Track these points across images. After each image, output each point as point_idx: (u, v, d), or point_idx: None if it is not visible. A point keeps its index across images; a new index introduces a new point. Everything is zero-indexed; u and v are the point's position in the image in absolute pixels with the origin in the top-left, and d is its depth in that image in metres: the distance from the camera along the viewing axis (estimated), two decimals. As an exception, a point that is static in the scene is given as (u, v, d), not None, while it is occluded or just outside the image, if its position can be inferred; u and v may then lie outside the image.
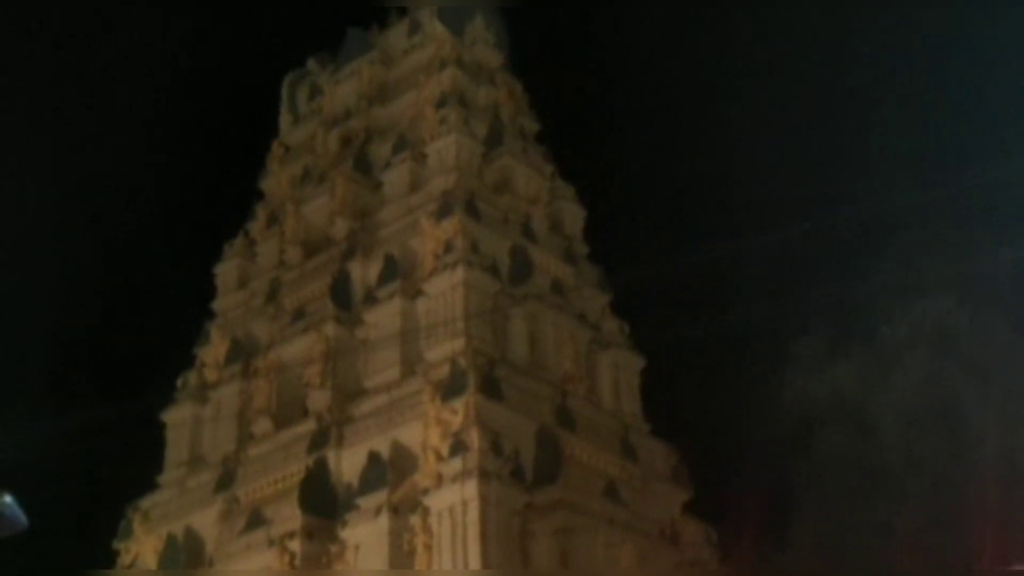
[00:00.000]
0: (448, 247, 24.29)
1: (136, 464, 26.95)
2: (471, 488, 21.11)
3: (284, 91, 30.47)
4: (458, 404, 22.12)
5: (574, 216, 27.91)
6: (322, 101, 29.39)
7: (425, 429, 22.28)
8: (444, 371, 22.81)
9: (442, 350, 23.22)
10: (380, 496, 21.98)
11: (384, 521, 21.69)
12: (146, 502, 25.59)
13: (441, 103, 26.94)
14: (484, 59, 28.69)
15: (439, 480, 21.56)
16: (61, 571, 26.97)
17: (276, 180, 28.77)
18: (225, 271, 28.10)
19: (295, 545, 22.12)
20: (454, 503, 21.21)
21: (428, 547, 21.22)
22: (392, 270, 24.89)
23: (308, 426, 23.90)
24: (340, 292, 25.33)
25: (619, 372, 26.08)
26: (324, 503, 22.77)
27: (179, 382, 26.90)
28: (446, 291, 23.90)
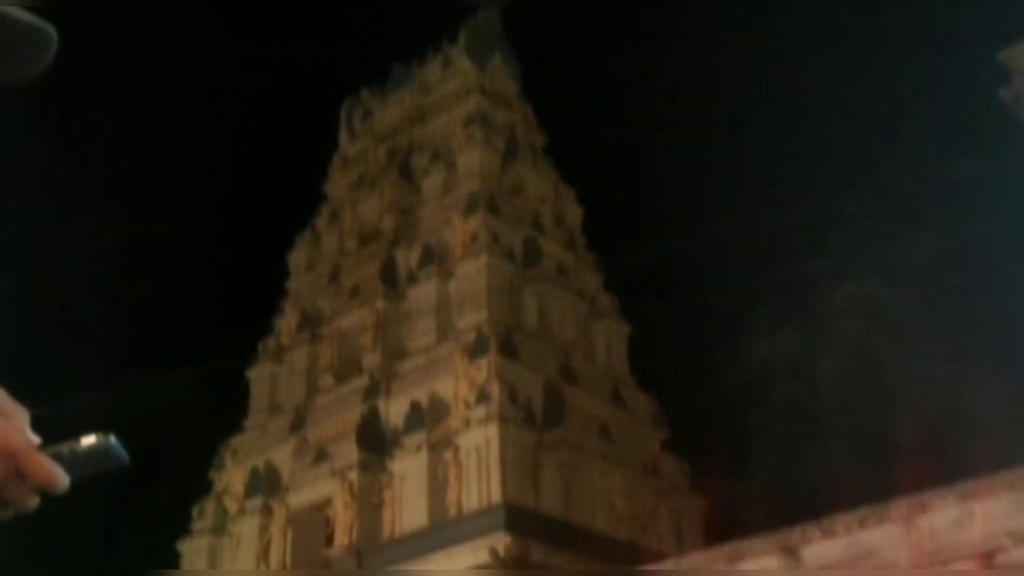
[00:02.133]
0: (474, 238, 24.35)
1: (227, 412, 27.03)
2: (492, 430, 21.25)
3: (343, 114, 30.41)
4: (482, 363, 22.22)
5: (574, 212, 27.91)
6: (373, 122, 29.38)
7: (456, 383, 22.39)
8: (471, 336, 22.89)
9: (469, 320, 23.28)
10: (420, 436, 22.12)
11: (423, 456, 21.86)
12: (235, 441, 25.70)
13: (468, 123, 26.98)
14: (502, 88, 28.65)
15: (467, 424, 21.70)
16: (167, 498, 27.10)
17: (336, 185, 28.79)
18: (296, 257, 28.16)
19: (352, 475, 22.26)
20: (479, 442, 21.35)
21: (458, 477, 21.37)
22: (429, 256, 24.93)
23: (362, 381, 23.97)
24: (388, 274, 25.37)
25: (610, 337, 26.10)
26: (375, 442, 22.86)
27: (260, 346, 26.96)
28: (472, 273, 23.96)
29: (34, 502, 1.19)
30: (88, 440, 1.24)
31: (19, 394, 1.30)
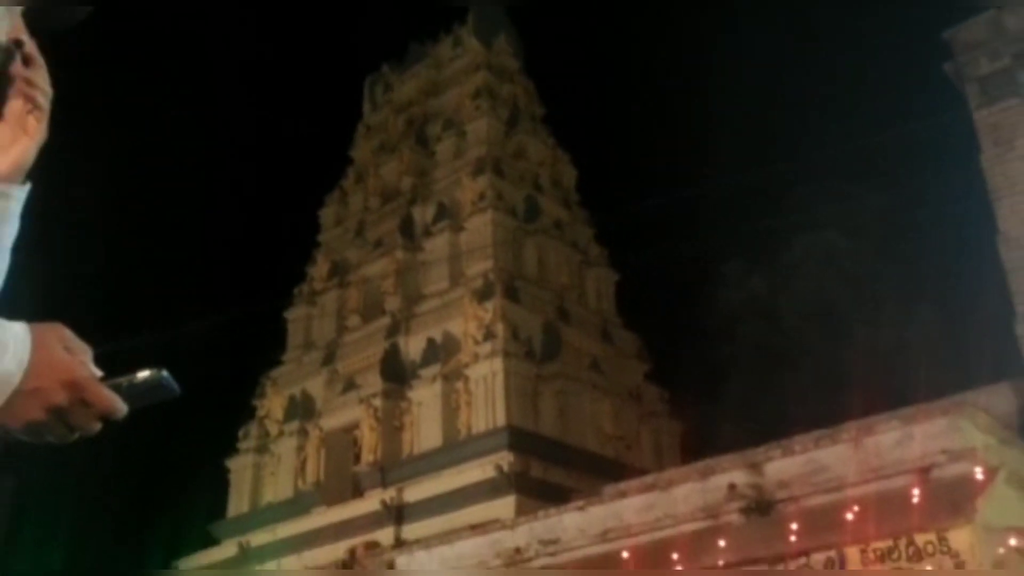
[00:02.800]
0: (481, 196, 24.28)
1: (268, 348, 27.16)
2: (497, 363, 21.34)
3: (366, 88, 30.18)
4: (488, 305, 22.25)
5: (569, 174, 27.78)
6: (392, 95, 29.17)
7: (465, 322, 22.44)
8: (479, 283, 22.90)
9: (477, 268, 23.28)
10: (435, 369, 22.23)
11: (438, 386, 21.98)
12: (275, 373, 25.85)
13: (476, 96, 26.79)
14: (505, 64, 28.39)
15: (475, 358, 21.78)
16: (217, 422, 27.36)
17: (361, 150, 28.65)
18: (326, 214, 28.11)
19: (377, 402, 22.40)
20: (486, 373, 21.45)
21: (468, 404, 21.51)
22: (442, 212, 24.88)
23: (385, 321, 24.03)
24: (406, 228, 25.36)
25: (600, 283, 26.12)
26: (396, 374, 22.97)
27: (295, 291, 27.04)
28: (480, 227, 23.93)
29: (97, 427, 1.23)
30: (143, 374, 1.28)
31: (81, 333, 1.33)
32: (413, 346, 23.20)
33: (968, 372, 12.33)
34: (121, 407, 1.24)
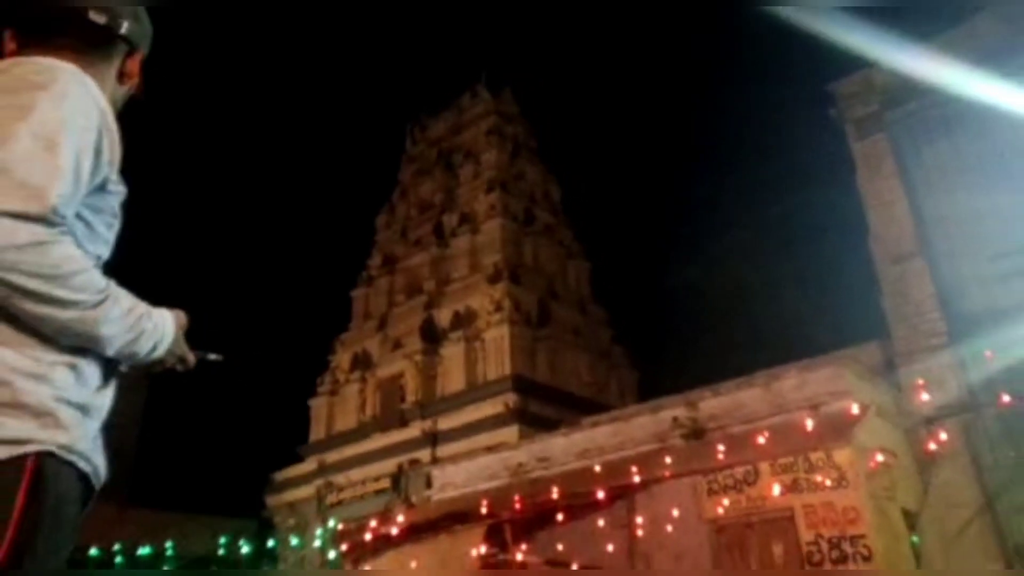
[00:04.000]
0: (492, 208, 24.27)
1: (338, 319, 27.22)
2: (505, 329, 21.38)
3: (408, 129, 30.12)
4: (498, 287, 22.29)
5: (556, 192, 27.52)
6: (427, 133, 29.02)
7: (481, 299, 22.47)
8: (491, 270, 22.90)
9: (490, 259, 23.28)
10: (459, 333, 22.26)
11: (461, 345, 22.02)
12: (343, 336, 25.86)
13: (488, 133, 26.68)
14: (509, 110, 28.23)
15: (488, 325, 21.82)
16: (303, 373, 27.58)
17: (405, 174, 28.53)
18: (380, 221, 27.96)
19: (417, 357, 22.45)
20: (496, 336, 21.50)
21: (483, 358, 21.56)
22: (464, 219, 24.86)
23: (423, 299, 24.03)
24: (438, 231, 25.32)
25: (579, 271, 26.09)
26: (431, 336, 23.01)
27: (359, 276, 26.99)
28: (492, 231, 23.92)
29: (180, 369, 1.45)
30: (212, 356, 1.57)
31: (214, 310, 1.44)
32: (443, 316, 23.23)
33: (848, 334, 12.34)
34: (193, 364, 1.46)
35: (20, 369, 1.08)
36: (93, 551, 23.06)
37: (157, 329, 1.29)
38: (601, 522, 10.97)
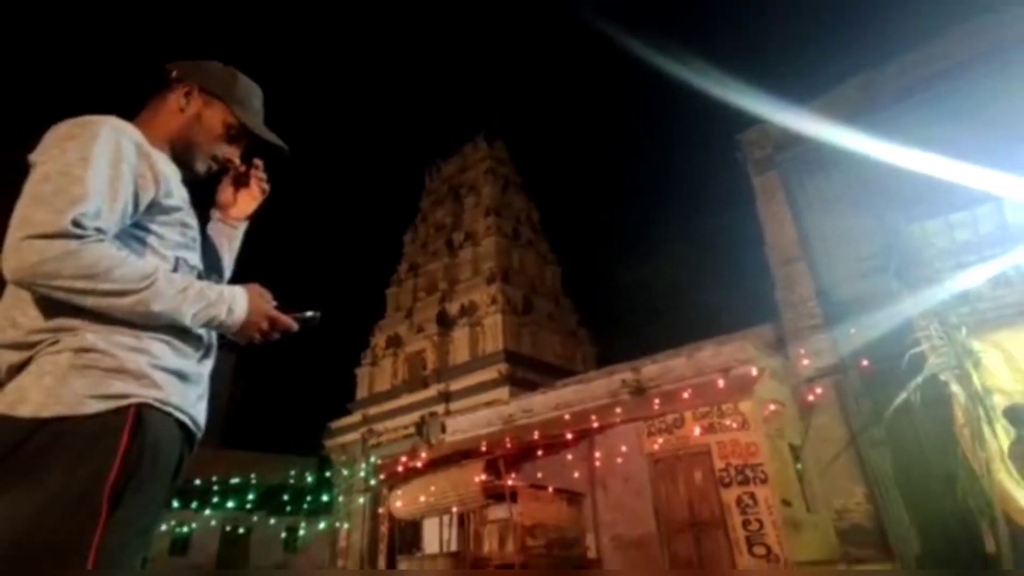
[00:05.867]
0: (488, 228, 24.10)
1: (376, 310, 27.01)
2: (498, 317, 21.20)
3: (427, 170, 29.94)
4: (494, 286, 22.10)
5: (535, 215, 27.25)
6: (440, 173, 28.86)
7: (481, 296, 22.29)
8: (488, 274, 22.72)
9: (487, 266, 23.13)
10: (465, 320, 22.03)
11: (467, 329, 21.80)
12: (380, 323, 25.44)
13: (485, 173, 26.52)
14: (501, 156, 28.07)
15: (487, 314, 21.63)
16: (351, 348, 27.33)
17: (424, 203, 28.28)
18: (408, 237, 27.65)
19: (435, 337, 22.28)
20: (493, 321, 21.33)
21: (483, 338, 21.38)
22: (468, 237, 24.68)
23: (438, 295, 23.83)
24: (448, 246, 25.15)
25: (553, 274, 25.89)
26: (445, 322, 22.85)
27: (391, 279, 26.72)
28: (489, 245, 23.74)
29: (278, 337, 1.30)
30: (308, 313, 1.35)
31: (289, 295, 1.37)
32: (453, 308, 23.06)
33: (750, 318, 12.30)
34: (294, 327, 1.31)
35: (122, 344, 1.08)
36: (197, 482, 22.80)
37: (224, 296, 1.21)
38: (570, 456, 10.91)
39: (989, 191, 7.52)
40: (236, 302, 1.23)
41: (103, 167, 1.10)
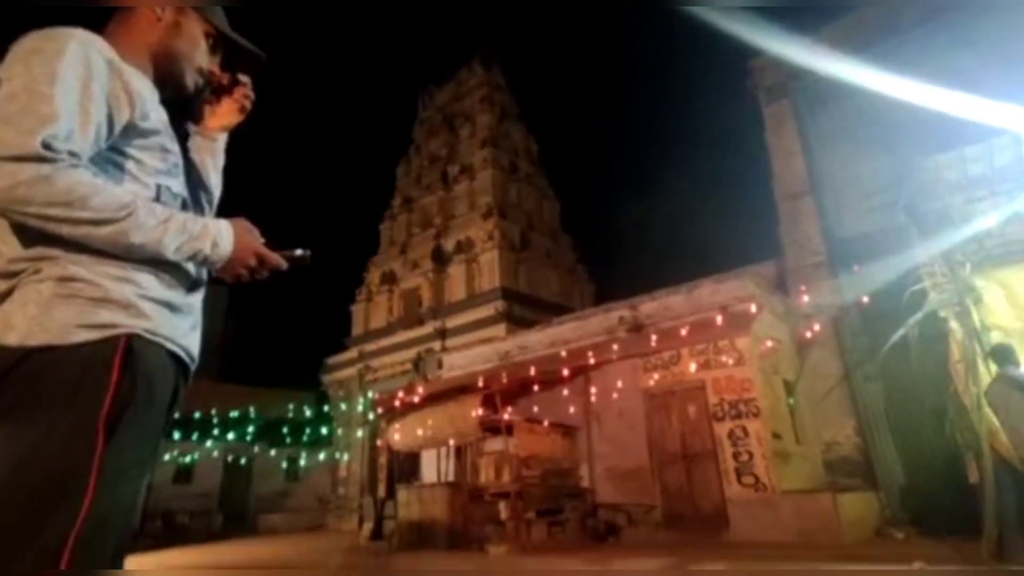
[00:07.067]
0: (485, 160, 23.55)
1: (370, 245, 26.86)
2: (495, 253, 21.07)
3: (420, 97, 28.86)
4: (490, 221, 21.83)
5: (533, 147, 26.58)
6: (434, 101, 27.80)
7: (477, 231, 22.09)
8: (484, 208, 22.39)
9: (483, 200, 22.76)
10: (461, 256, 21.95)
11: (463, 265, 21.72)
12: (375, 259, 25.35)
13: (481, 101, 25.60)
14: (498, 82, 26.97)
15: (483, 250, 21.48)
16: (346, 284, 27.42)
17: (418, 134, 27.45)
18: (400, 170, 27.05)
19: (430, 275, 22.23)
20: (489, 259, 21.22)
21: (479, 274, 21.35)
22: (463, 169, 24.16)
23: (433, 230, 23.59)
24: (444, 178, 24.65)
25: (551, 208, 25.58)
26: (441, 259, 22.76)
27: (384, 213, 26.39)
28: (485, 178, 23.28)
29: (267, 275, 1.27)
30: (298, 251, 1.31)
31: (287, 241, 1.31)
32: (449, 244, 22.89)
33: (753, 255, 12.27)
34: (283, 265, 1.27)
35: (108, 274, 1.07)
36: (197, 414, 23.42)
37: (208, 230, 1.17)
38: (565, 392, 11.15)
39: (1006, 126, 7.29)
40: (221, 236, 1.19)
41: (73, 86, 1.04)
